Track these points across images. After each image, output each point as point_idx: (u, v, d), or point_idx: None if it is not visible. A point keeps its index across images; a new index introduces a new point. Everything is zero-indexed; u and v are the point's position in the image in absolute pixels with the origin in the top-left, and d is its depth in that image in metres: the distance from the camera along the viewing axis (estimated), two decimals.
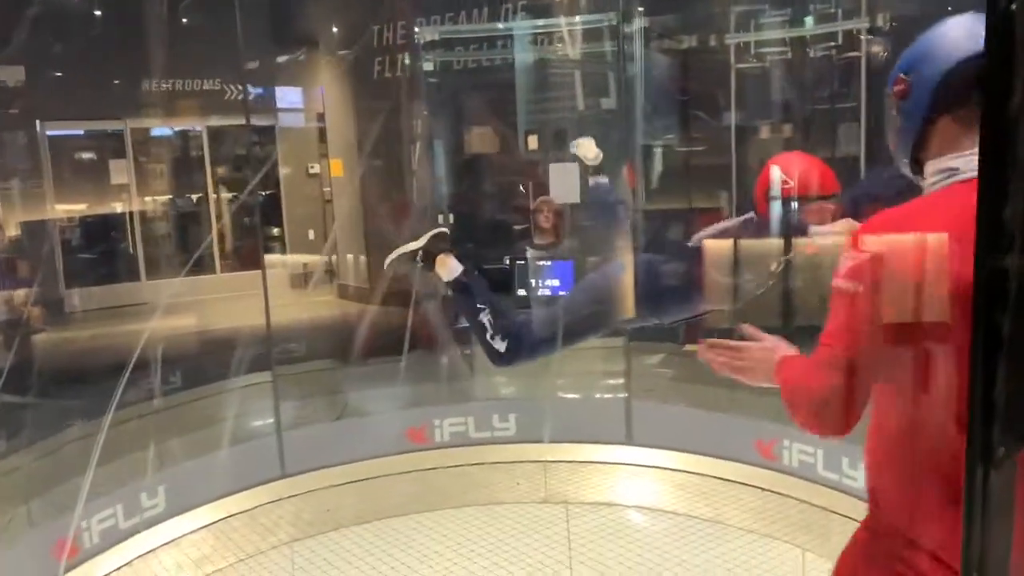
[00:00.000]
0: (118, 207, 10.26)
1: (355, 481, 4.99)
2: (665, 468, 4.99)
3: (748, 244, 2.44)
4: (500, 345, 2.90)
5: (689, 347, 5.61)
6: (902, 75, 1.48)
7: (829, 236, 2.33)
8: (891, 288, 1.32)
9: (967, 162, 1.36)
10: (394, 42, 8.56)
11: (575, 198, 6.24)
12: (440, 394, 5.35)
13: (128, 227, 10.15)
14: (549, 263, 5.76)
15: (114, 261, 9.97)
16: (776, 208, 2.55)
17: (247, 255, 10.22)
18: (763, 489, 4.66)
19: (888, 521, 1.48)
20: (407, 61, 7.69)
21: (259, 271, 10.50)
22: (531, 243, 6.05)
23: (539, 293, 5.84)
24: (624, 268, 2.92)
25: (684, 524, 4.76)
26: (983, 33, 1.09)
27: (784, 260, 2.28)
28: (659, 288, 2.78)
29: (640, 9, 6.15)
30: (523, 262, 5.79)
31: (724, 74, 6.45)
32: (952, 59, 1.39)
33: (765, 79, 6.41)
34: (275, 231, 10.56)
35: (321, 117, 10.03)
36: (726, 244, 2.48)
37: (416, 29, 7.17)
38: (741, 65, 6.35)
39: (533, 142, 6.37)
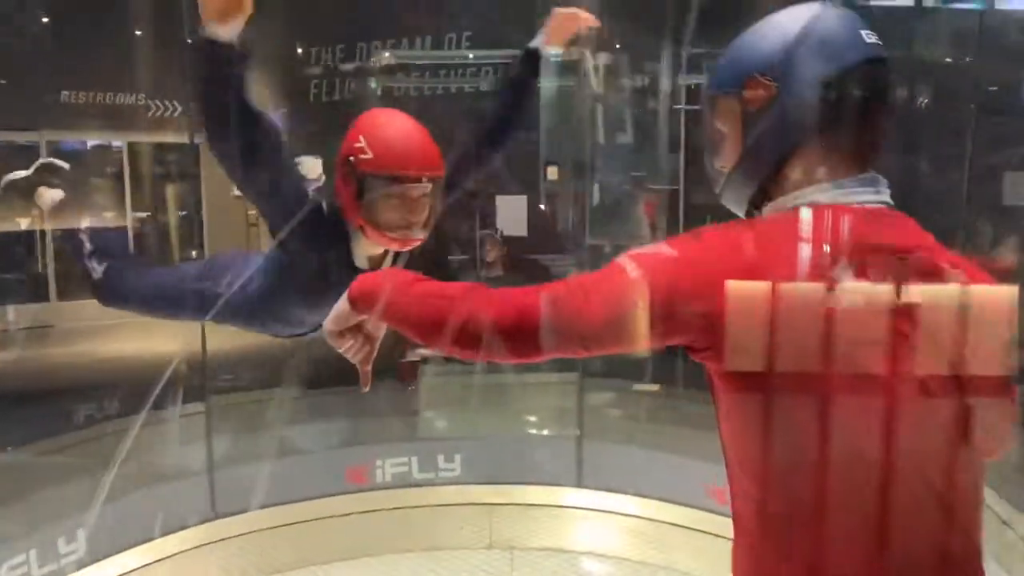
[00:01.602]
0: (25, 223, 9.65)
1: (291, 524, 4.71)
2: (616, 512, 4.88)
3: None
4: (97, 269, 2.45)
5: (639, 387, 5.56)
6: (758, 75, 1.14)
7: None
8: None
9: (838, 196, 1.10)
10: (335, 65, 8.39)
11: (523, 230, 6.19)
12: (383, 431, 5.12)
13: (39, 245, 9.55)
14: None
15: (21, 280, 9.39)
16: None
17: None
18: (715, 535, 4.60)
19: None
20: (354, 85, 7.53)
21: None
22: (477, 276, 5.95)
23: None
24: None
25: (635, 571, 4.67)
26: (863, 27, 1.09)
27: None
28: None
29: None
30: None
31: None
32: (846, 60, 1.10)
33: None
34: (194, 254, 10.12)
35: None
36: None
37: (386, 53, 7.04)
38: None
39: (553, 173, 6.28)
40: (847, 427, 1.05)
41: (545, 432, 5.31)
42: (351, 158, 1.86)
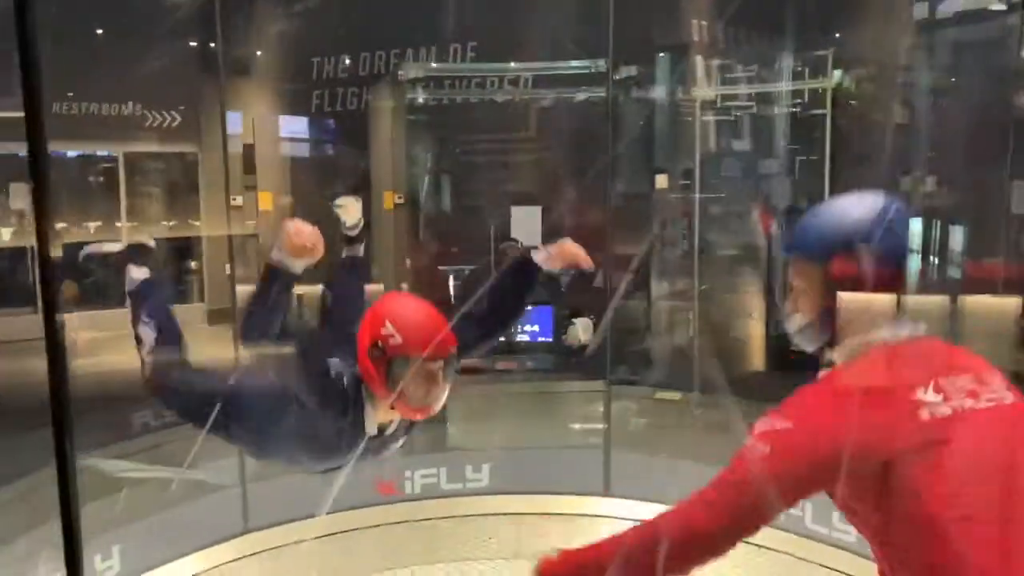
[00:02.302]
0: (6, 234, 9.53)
1: (321, 536, 4.67)
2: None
3: None
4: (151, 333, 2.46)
5: (661, 395, 5.62)
6: (843, 253, 1.48)
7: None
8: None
9: (899, 333, 1.48)
10: (336, 75, 8.37)
11: (538, 240, 6.21)
12: (411, 442, 5.10)
13: (28, 255, 9.40)
14: (529, 308, 5.69)
15: (8, 291, 9.23)
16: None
17: None
18: (748, 543, 4.64)
19: None
20: (368, 96, 7.50)
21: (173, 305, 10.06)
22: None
23: (517, 338, 5.77)
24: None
25: None
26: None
27: None
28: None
29: None
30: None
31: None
32: (902, 244, 1.50)
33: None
34: (192, 264, 10.03)
35: (249, 148, 9.64)
36: None
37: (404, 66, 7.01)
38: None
39: (662, 181, 6.29)
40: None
41: (572, 441, 5.33)
42: (380, 343, 2.06)
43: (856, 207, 1.51)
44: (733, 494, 1.46)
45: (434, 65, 6.90)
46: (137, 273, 2.62)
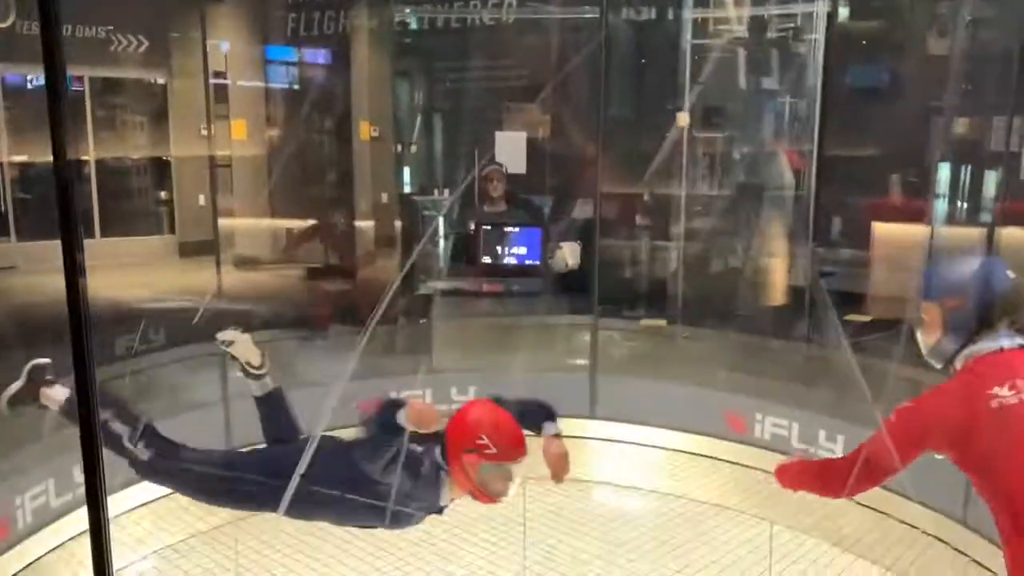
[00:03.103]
0: None
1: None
2: (630, 443, 4.93)
3: None
4: (144, 453, 2.63)
5: (646, 322, 5.61)
6: (955, 295, 2.16)
7: None
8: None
9: (1003, 342, 2.13)
10: None
11: (522, 167, 6.11)
12: (396, 366, 5.06)
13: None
14: (517, 229, 5.62)
15: None
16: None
17: (131, 220, 9.47)
18: (733, 463, 4.69)
19: None
20: (346, 20, 7.24)
21: (143, 237, 9.82)
22: (480, 211, 5.87)
23: (504, 261, 5.69)
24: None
25: (649, 500, 4.73)
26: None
27: None
28: None
29: None
30: (489, 228, 5.62)
31: None
32: (994, 291, 2.14)
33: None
34: (163, 195, 9.80)
35: (220, 75, 9.35)
36: None
37: None
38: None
39: (683, 119, 6.11)
40: None
41: (560, 365, 5.31)
42: (475, 452, 2.41)
43: (963, 265, 2.23)
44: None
45: None
46: (60, 390, 2.72)
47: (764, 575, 3.85)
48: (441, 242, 6.11)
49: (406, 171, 7.55)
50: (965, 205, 6.19)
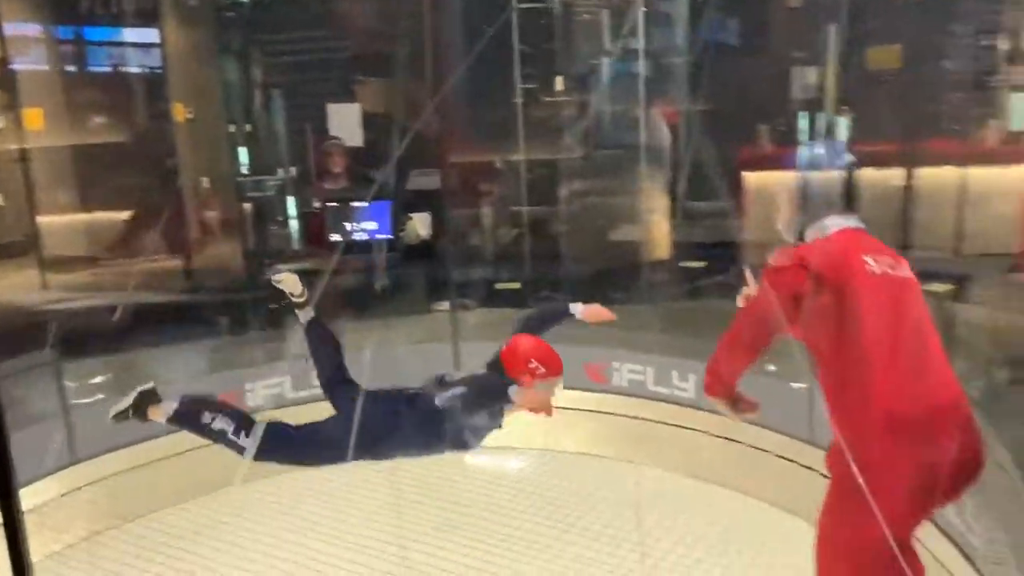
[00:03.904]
0: None
1: (158, 460, 4.41)
2: None
3: None
4: (246, 441, 3.05)
5: (502, 285, 5.66)
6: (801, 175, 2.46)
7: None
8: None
9: (833, 222, 2.32)
10: None
11: (358, 140, 5.99)
12: (252, 355, 4.88)
13: None
14: (364, 204, 5.49)
15: None
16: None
17: None
18: (595, 411, 4.85)
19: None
20: None
21: None
22: (320, 188, 5.71)
23: (354, 236, 5.56)
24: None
25: (522, 458, 4.83)
26: None
27: None
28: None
29: None
30: (335, 205, 5.47)
31: None
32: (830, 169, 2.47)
33: None
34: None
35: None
36: None
37: None
38: None
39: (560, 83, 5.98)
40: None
41: (421, 336, 5.29)
42: (529, 373, 2.93)
43: (811, 149, 2.52)
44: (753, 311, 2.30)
45: None
46: (167, 406, 3.09)
47: (632, 512, 4.04)
48: (293, 223, 5.91)
49: (240, 152, 7.18)
50: (823, 150, 6.51)
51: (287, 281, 3.22)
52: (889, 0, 6.11)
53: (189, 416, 3.08)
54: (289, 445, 3.11)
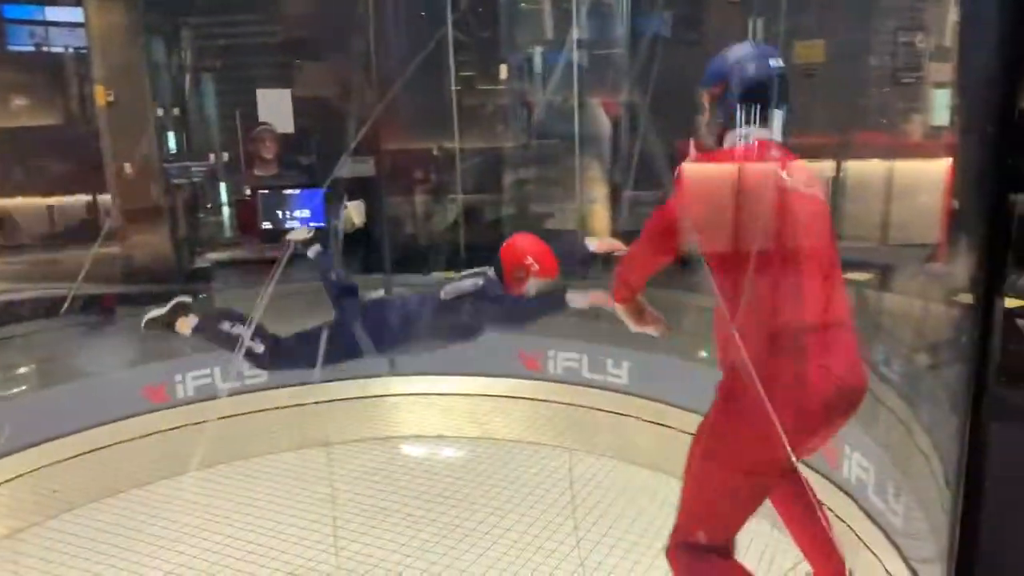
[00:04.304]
0: None
1: (85, 453, 4.28)
2: (434, 394, 4.99)
3: None
4: (259, 347, 3.30)
5: (437, 275, 5.64)
6: (717, 82, 2.32)
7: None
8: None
9: (752, 133, 2.27)
10: None
11: (289, 126, 5.89)
12: (180, 346, 4.75)
13: None
14: (297, 192, 5.37)
15: None
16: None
17: None
18: (530, 399, 4.88)
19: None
20: None
21: None
22: (251, 175, 5.59)
23: (286, 225, 5.44)
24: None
25: (452, 446, 4.84)
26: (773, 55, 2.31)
27: None
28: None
29: None
30: (266, 192, 5.34)
31: None
32: (751, 73, 2.27)
33: None
34: None
35: None
36: None
37: None
38: None
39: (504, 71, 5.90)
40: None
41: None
42: (523, 270, 3.15)
43: (733, 51, 2.34)
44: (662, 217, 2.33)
45: None
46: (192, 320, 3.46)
47: (568, 498, 4.08)
48: (224, 211, 5.77)
49: (170, 137, 6.97)
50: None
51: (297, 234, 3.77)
52: None
53: (210, 325, 3.33)
54: (305, 344, 3.33)
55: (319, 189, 5.26)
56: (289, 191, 5.22)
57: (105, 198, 7.01)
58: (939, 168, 6.10)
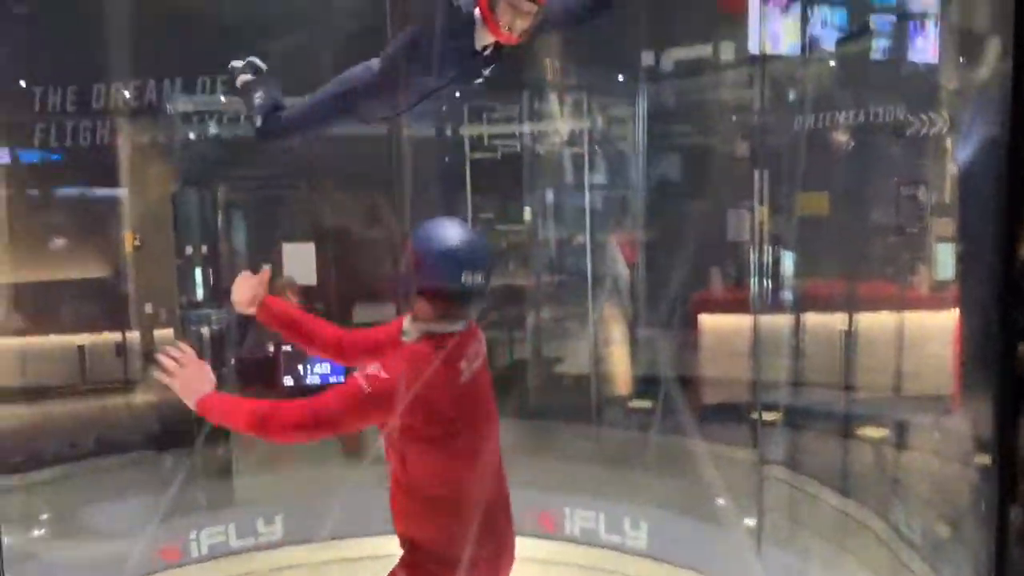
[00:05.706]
0: None
1: None
2: None
3: None
4: (259, 121, 3.12)
5: None
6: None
7: None
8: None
9: (440, 327, 2.29)
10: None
11: (312, 279, 6.04)
12: (194, 500, 4.75)
13: None
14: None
15: None
16: None
17: None
18: (545, 562, 4.79)
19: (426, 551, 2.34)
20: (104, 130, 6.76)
21: None
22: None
23: (307, 381, 5.51)
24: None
25: None
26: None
27: None
28: None
29: None
30: (288, 348, 5.43)
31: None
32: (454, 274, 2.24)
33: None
34: None
35: None
36: None
37: None
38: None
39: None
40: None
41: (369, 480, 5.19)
42: None
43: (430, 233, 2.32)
44: (334, 408, 2.20)
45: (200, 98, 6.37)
46: None
47: None
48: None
49: (198, 282, 7.09)
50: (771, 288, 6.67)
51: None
52: (820, 150, 6.50)
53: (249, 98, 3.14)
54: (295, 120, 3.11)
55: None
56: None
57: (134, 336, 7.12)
58: (947, 319, 6.19)
